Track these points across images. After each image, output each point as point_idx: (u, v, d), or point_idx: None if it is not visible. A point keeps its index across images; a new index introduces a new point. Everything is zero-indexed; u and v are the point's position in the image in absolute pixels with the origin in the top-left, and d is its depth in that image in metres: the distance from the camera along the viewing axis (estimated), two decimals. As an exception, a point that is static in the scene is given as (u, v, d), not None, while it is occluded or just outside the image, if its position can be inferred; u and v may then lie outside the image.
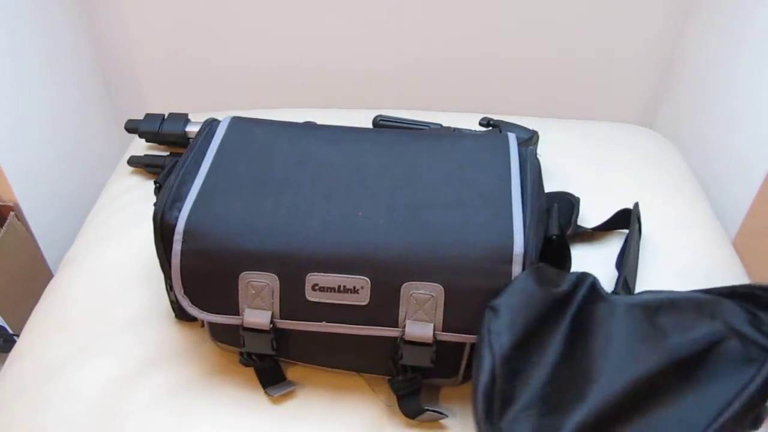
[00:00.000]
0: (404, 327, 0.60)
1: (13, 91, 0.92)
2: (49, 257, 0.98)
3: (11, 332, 0.92)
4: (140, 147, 0.97)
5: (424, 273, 0.59)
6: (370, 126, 0.93)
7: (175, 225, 0.61)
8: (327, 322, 0.61)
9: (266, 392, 0.66)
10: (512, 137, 0.71)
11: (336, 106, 1.05)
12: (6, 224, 0.90)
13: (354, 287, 0.59)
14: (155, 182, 0.74)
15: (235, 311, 0.61)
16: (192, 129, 0.93)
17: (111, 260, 0.80)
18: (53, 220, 1.00)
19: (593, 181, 0.88)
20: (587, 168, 0.92)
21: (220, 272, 0.61)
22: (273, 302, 0.61)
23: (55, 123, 1.03)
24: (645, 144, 1.00)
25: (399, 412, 0.64)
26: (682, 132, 1.03)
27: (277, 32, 1.09)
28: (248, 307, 0.61)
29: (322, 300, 0.60)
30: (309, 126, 0.77)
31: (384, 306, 0.60)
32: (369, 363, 0.66)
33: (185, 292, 0.62)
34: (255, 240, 0.61)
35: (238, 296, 0.61)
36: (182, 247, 0.61)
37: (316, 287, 0.60)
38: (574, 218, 0.80)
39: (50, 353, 0.71)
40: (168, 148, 0.96)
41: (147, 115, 0.95)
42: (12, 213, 0.91)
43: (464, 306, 0.59)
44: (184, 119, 0.94)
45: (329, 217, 0.62)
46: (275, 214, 0.62)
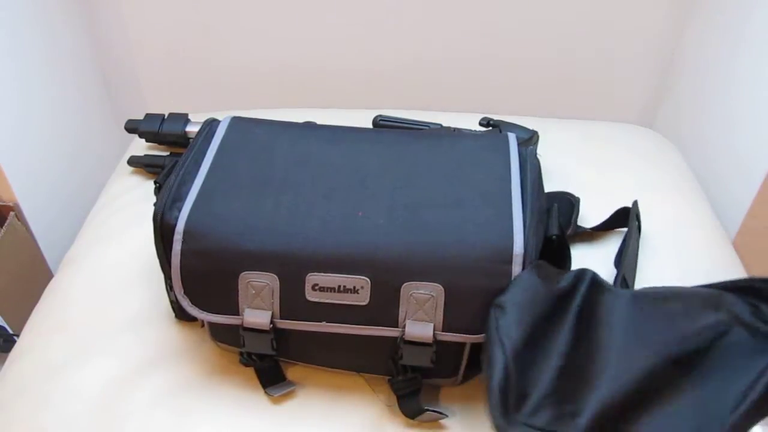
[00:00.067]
0: (404, 327, 0.60)
1: (13, 91, 0.92)
2: (49, 257, 0.98)
3: (11, 332, 0.92)
4: (140, 147, 0.97)
5: (424, 273, 0.59)
6: (370, 126, 0.93)
7: (175, 225, 0.61)
8: (327, 322, 0.61)
9: (266, 392, 0.66)
10: (512, 137, 0.71)
11: (336, 106, 1.05)
12: (6, 224, 0.90)
13: (354, 287, 0.59)
14: (155, 182, 0.74)
15: (235, 311, 0.61)
16: (192, 129, 0.93)
17: (111, 260, 0.80)
18: (53, 220, 1.00)
19: (593, 181, 0.88)
20: (587, 168, 0.92)
21: (220, 272, 0.61)
22: (273, 302, 0.61)
23: (55, 123, 1.03)
24: (645, 144, 1.00)
25: (399, 412, 0.64)
26: (682, 132, 1.03)
27: (277, 32, 1.09)
28: (248, 307, 0.61)
29: (322, 300, 0.60)
30: (309, 126, 0.77)
31: (384, 306, 0.60)
32: (369, 363, 0.66)
33: (185, 292, 0.62)
34: (255, 240, 0.60)
35: (238, 296, 0.61)
36: (182, 247, 0.61)
37: (316, 287, 0.60)
38: (574, 218, 0.80)
39: (50, 353, 0.71)
40: (168, 148, 0.96)
41: (147, 115, 0.95)
42: (12, 213, 0.91)
43: (464, 306, 0.59)
44: (184, 119, 0.94)
45: (329, 217, 0.62)
46: (275, 214, 0.62)
